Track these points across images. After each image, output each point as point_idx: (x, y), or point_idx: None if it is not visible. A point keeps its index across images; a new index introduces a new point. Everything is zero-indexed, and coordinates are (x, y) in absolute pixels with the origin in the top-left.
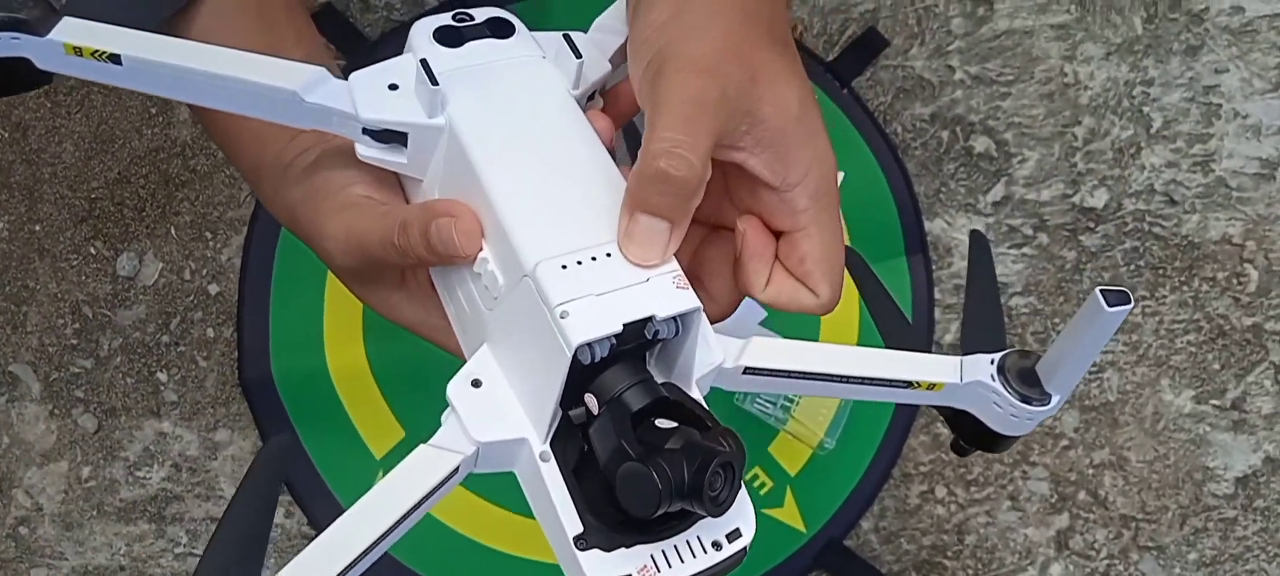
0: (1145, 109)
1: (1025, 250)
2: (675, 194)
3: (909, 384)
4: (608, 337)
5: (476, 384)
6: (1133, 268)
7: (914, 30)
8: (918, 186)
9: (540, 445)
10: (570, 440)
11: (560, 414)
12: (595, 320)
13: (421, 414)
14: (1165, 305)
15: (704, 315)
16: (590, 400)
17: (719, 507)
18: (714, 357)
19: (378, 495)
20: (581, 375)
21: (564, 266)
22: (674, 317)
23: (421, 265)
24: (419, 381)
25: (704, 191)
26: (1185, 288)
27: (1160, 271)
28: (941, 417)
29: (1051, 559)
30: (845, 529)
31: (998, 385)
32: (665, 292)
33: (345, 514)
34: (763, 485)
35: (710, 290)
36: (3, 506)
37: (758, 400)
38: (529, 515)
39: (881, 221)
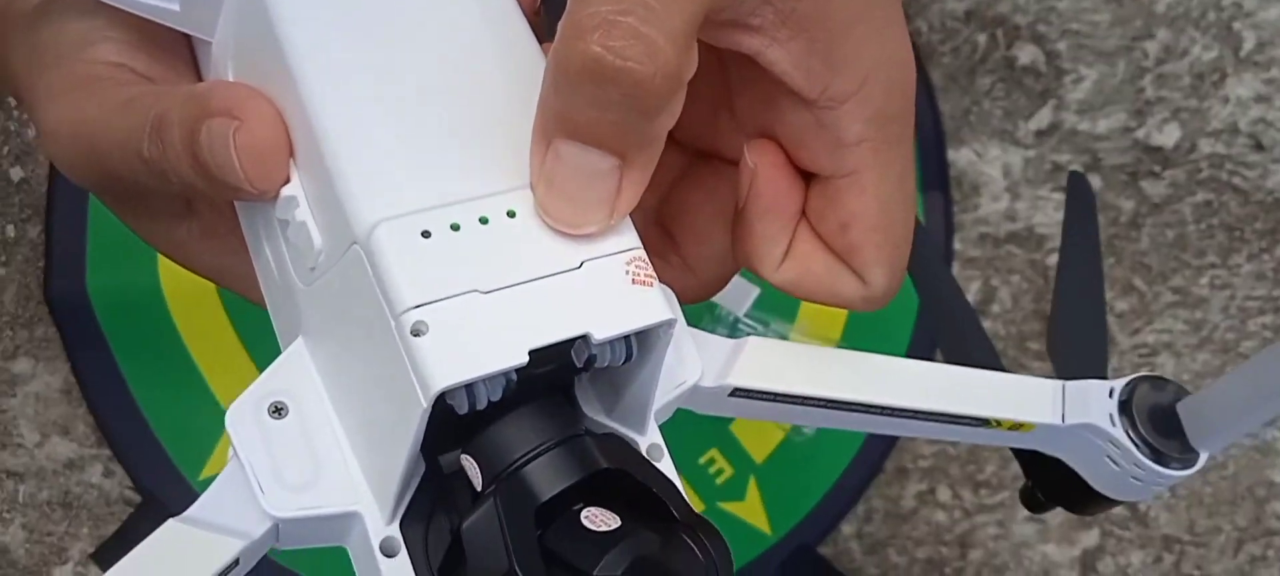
0: (1235, 25)
1: None
2: (626, 104)
3: (984, 422)
4: (500, 375)
5: (278, 410)
6: (1203, 226)
7: None
8: (942, 104)
9: (383, 527)
10: (439, 510)
11: (422, 468)
12: (476, 344)
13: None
14: (1239, 277)
15: (679, 326)
16: (470, 465)
17: None
18: (685, 373)
19: None
20: (461, 420)
21: (426, 234)
22: (625, 338)
23: (193, 193)
24: None
25: (683, 98)
26: (1266, 256)
27: (1236, 233)
28: (1013, 456)
29: None
30: (820, 533)
31: (1119, 431)
32: (610, 291)
33: None
34: (719, 471)
35: (687, 255)
36: None
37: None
38: None
39: None
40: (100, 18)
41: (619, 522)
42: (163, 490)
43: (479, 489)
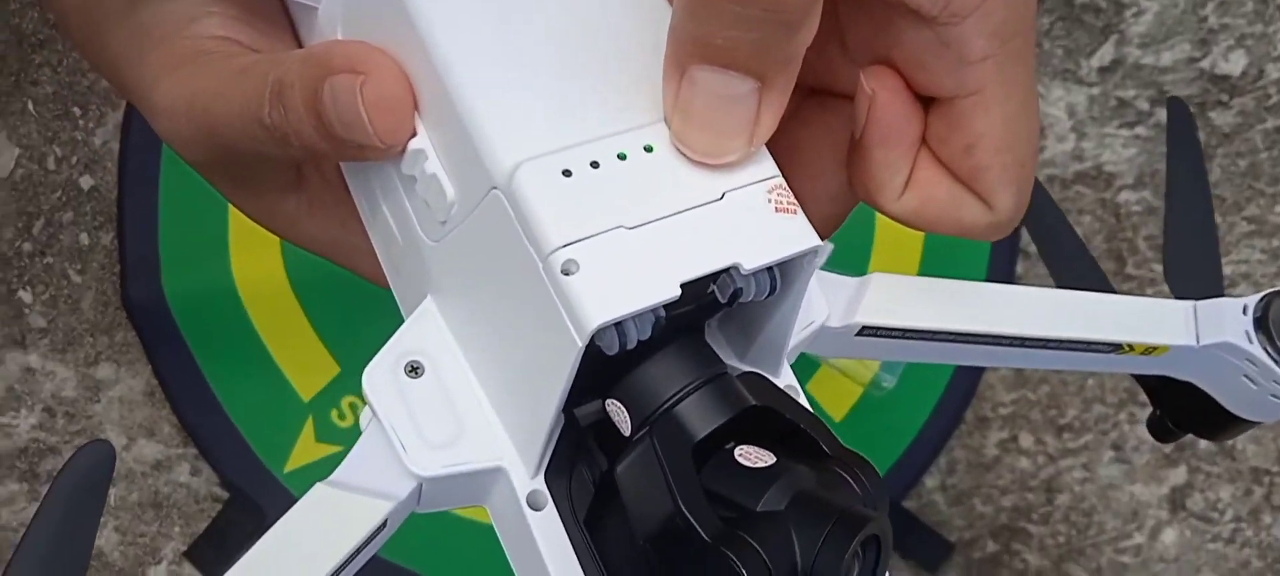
0: None
1: (1139, 131)
2: (766, 20)
3: (1117, 347)
4: (651, 311)
5: (414, 370)
6: (1276, 153)
7: None
8: None
9: (529, 481)
10: (579, 462)
11: (562, 421)
12: (628, 280)
13: (361, 342)
14: None
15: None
16: (617, 410)
17: None
18: (813, 314)
19: (256, 572)
20: (602, 362)
21: (567, 173)
22: (771, 268)
23: (314, 158)
24: (357, 297)
25: (819, 14)
26: None
27: None
28: (1140, 386)
29: (1163, 522)
30: (904, 487)
31: (1257, 348)
32: (756, 220)
33: None
34: None
35: (800, 195)
36: None
37: None
38: None
39: None
40: None
41: (774, 459)
42: (249, 485)
43: (628, 433)
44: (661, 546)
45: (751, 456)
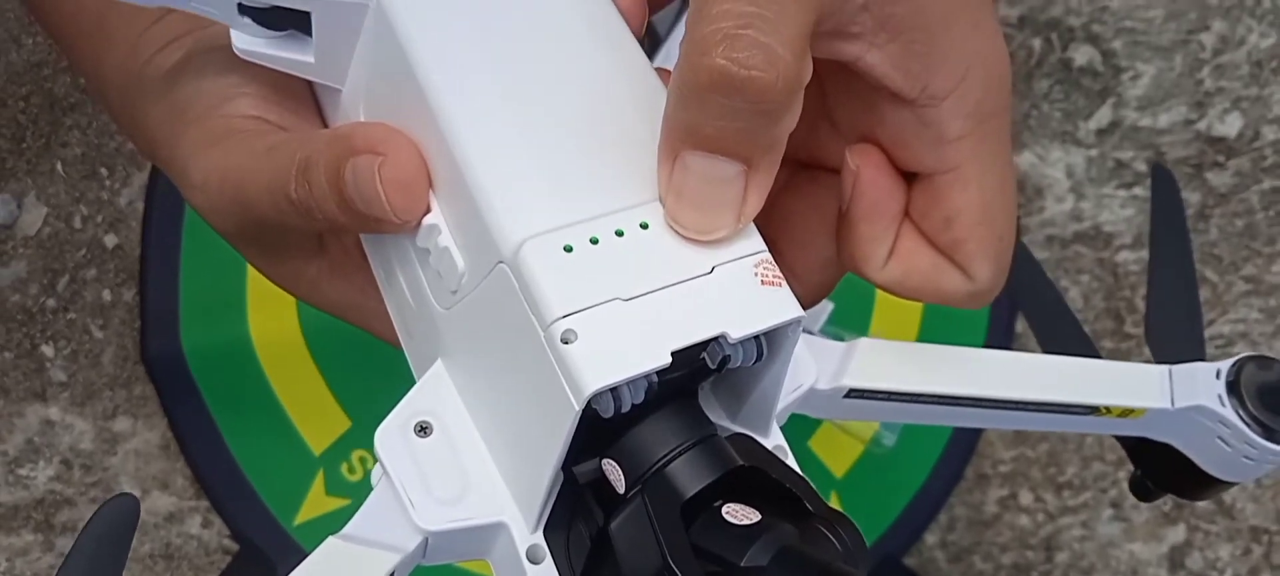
0: None
1: (1136, 191)
2: (751, 111)
3: (1095, 409)
4: (643, 377)
5: (423, 430)
6: (1273, 213)
7: None
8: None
9: (529, 536)
10: (577, 518)
11: (561, 479)
12: (623, 348)
13: (372, 397)
14: None
15: (801, 329)
16: (612, 469)
17: None
18: (801, 377)
19: None
20: (598, 424)
21: (568, 249)
22: (757, 336)
23: (336, 229)
24: (369, 355)
25: (801, 102)
26: None
27: None
28: (1120, 446)
29: None
30: (904, 543)
31: (1228, 411)
32: (743, 292)
33: None
34: None
35: (791, 264)
36: None
37: None
38: None
39: None
40: (235, 74)
41: (759, 517)
42: (259, 536)
43: (622, 491)
44: None
45: (738, 514)
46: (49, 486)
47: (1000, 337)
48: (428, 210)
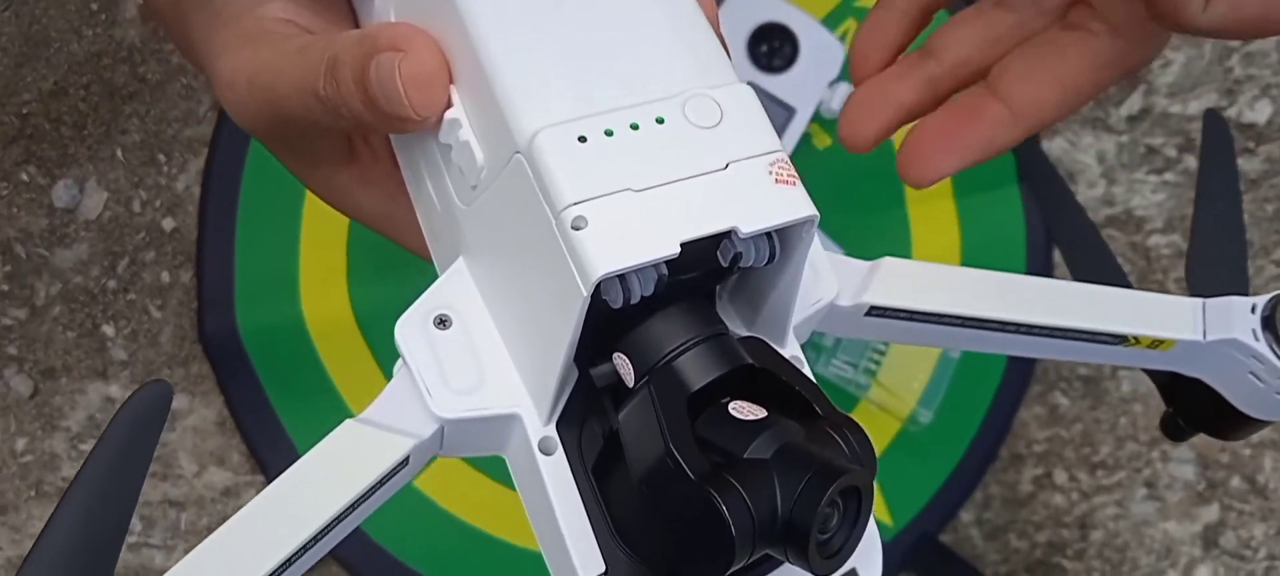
0: None
1: (1167, 177)
2: None
3: (1122, 339)
4: (653, 265)
5: (443, 322)
6: None
7: None
8: None
9: (541, 428)
10: (592, 416)
11: (575, 376)
12: (632, 236)
13: None
14: None
15: (815, 247)
16: (622, 363)
17: (831, 561)
18: (822, 291)
19: (281, 499)
20: (611, 318)
21: (582, 139)
22: (769, 234)
23: (364, 129)
24: None
25: None
26: None
27: None
28: (1154, 384)
29: (1197, 559)
30: (941, 521)
31: (1262, 346)
32: (756, 189)
33: (232, 522)
34: None
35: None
36: None
37: (834, 357)
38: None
39: None
40: None
41: (765, 414)
42: None
43: (630, 384)
44: (653, 487)
45: (744, 410)
46: None
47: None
48: (448, 105)
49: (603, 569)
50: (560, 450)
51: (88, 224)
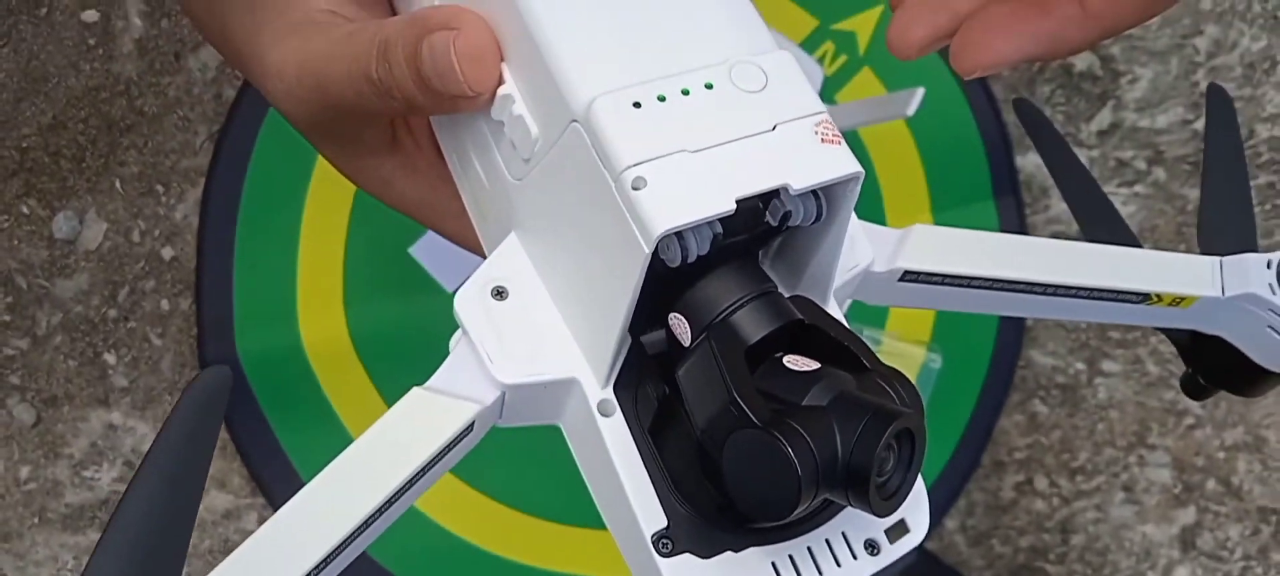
0: None
1: (1137, 189)
2: None
3: (1145, 298)
4: (709, 223)
5: (500, 294)
6: (1269, 207)
7: None
8: (1007, 115)
9: (599, 391)
10: (645, 381)
11: (628, 343)
12: (690, 194)
13: None
14: None
15: (860, 187)
16: (678, 323)
17: (890, 502)
18: (858, 257)
19: (354, 465)
20: (665, 281)
21: (637, 105)
22: (816, 192)
23: (413, 111)
24: (412, 356)
25: None
26: None
27: None
28: (1172, 343)
29: (1175, 561)
30: (926, 529)
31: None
32: (804, 149)
33: (307, 490)
34: None
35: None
36: None
37: None
38: (528, 511)
39: (965, 157)
40: None
41: (818, 365)
42: None
43: (687, 343)
44: (717, 437)
45: (798, 363)
46: (112, 487)
47: (1011, 325)
48: (500, 81)
49: (665, 523)
50: (618, 412)
51: (88, 254)
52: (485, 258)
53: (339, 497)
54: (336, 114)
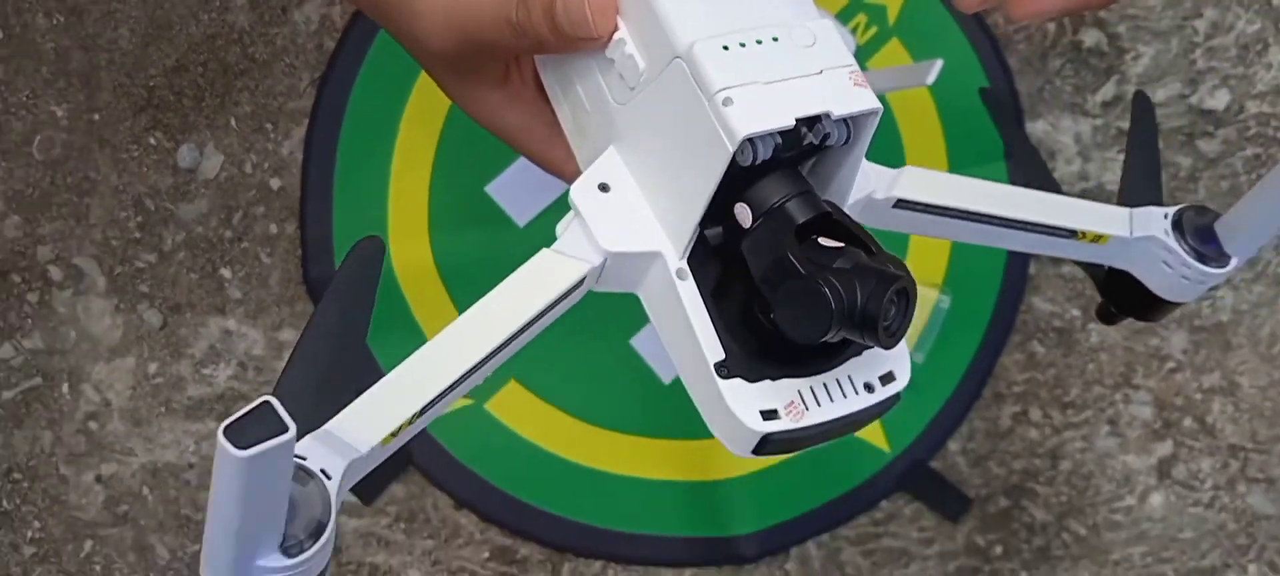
0: (1275, 1)
1: None
2: None
3: (1073, 233)
4: (774, 133)
5: (604, 188)
6: (1254, 176)
7: None
8: (1020, 83)
9: (677, 261)
10: (705, 261)
11: (697, 233)
12: (763, 110)
13: None
14: None
15: (878, 119)
16: (741, 211)
17: (892, 338)
18: (868, 185)
19: (492, 304)
20: (731, 182)
21: (725, 48)
22: (846, 120)
23: (539, 49)
24: (487, 280)
25: None
26: None
27: None
28: (1091, 280)
29: (1151, 488)
30: (931, 450)
31: (1171, 241)
32: (841, 88)
33: (453, 324)
34: None
35: None
36: (73, 400)
37: None
38: (594, 422)
39: (978, 121)
40: None
41: (842, 244)
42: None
43: (747, 225)
44: (774, 283)
45: (828, 242)
46: (227, 384)
47: (1018, 272)
48: (616, 28)
49: (723, 355)
50: (691, 279)
51: (207, 182)
52: (565, 174)
53: (484, 324)
54: (471, 48)
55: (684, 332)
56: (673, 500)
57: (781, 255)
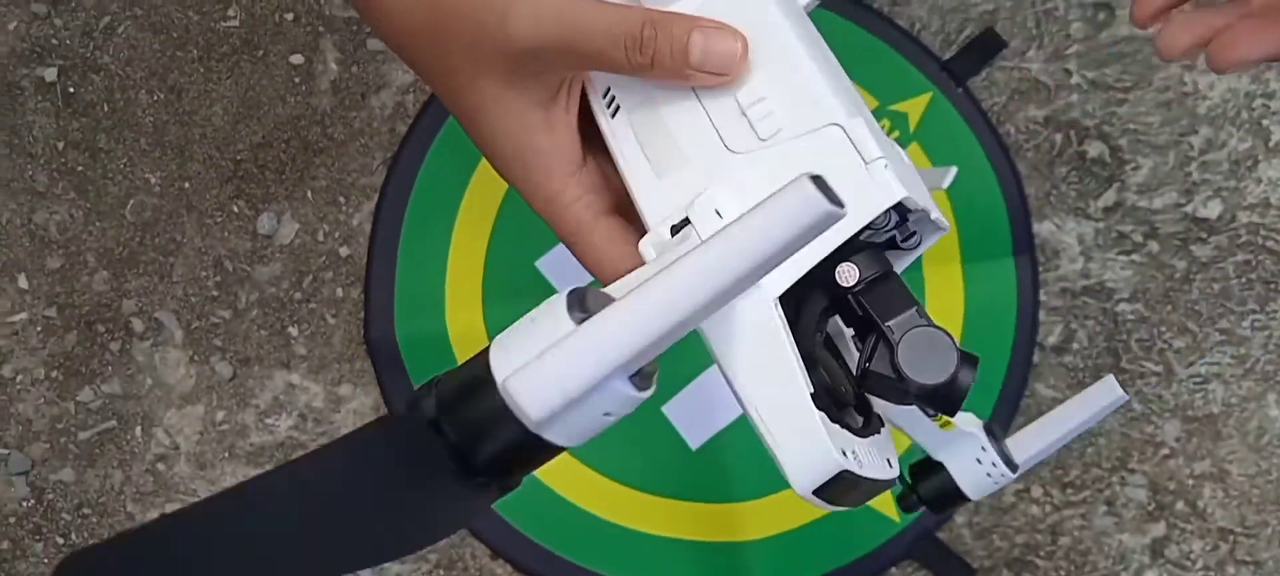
0: (1264, 122)
1: (1134, 257)
2: None
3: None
4: (894, 209)
5: (718, 215)
6: (1244, 281)
7: (1032, 33)
8: (1028, 188)
9: (776, 293)
10: (809, 293)
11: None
12: (908, 185)
13: None
14: (1276, 320)
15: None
16: (848, 268)
17: (955, 405)
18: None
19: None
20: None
21: (868, 124)
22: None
23: (646, 74)
24: None
25: None
26: None
27: (1272, 286)
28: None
29: (1145, 566)
30: (938, 522)
31: (986, 441)
32: (919, 188)
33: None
34: None
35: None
36: (144, 442)
37: None
38: (626, 483)
39: (990, 221)
40: None
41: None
42: None
43: (849, 285)
44: (902, 327)
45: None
46: (288, 433)
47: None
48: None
49: (813, 388)
50: (781, 315)
51: (282, 248)
52: (546, 217)
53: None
54: (557, 50)
55: (777, 361)
56: (697, 559)
57: (911, 307)
